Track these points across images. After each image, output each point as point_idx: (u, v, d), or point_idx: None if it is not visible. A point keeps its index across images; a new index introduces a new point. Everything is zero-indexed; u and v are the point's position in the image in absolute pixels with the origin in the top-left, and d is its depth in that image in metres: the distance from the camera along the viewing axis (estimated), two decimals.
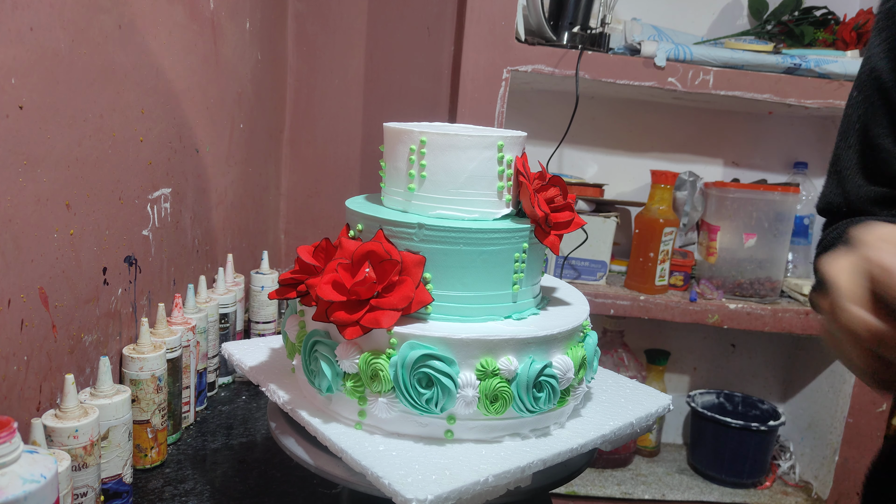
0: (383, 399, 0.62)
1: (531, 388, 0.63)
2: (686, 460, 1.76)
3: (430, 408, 0.61)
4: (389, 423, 0.64)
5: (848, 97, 0.74)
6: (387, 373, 0.61)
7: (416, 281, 0.64)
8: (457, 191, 0.68)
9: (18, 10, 0.62)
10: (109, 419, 0.73)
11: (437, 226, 0.64)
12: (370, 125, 1.66)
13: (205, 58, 1.07)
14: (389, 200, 0.72)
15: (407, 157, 0.68)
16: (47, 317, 0.70)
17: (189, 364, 0.93)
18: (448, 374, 0.61)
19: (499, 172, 0.68)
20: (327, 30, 1.60)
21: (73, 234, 0.74)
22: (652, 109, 1.72)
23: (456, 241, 0.64)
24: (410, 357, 0.61)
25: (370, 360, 0.62)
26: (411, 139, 0.68)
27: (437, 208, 0.68)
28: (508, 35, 1.34)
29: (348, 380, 0.64)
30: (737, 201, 1.55)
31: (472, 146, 0.67)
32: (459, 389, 0.61)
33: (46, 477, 0.55)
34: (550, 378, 0.64)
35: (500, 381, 0.62)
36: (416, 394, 0.61)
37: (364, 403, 0.64)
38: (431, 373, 0.60)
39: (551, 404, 0.65)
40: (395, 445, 0.63)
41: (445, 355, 0.61)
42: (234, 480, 0.84)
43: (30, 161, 0.65)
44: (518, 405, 0.63)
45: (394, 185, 0.71)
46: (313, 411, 0.68)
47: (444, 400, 0.61)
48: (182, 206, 1.02)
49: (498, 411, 0.62)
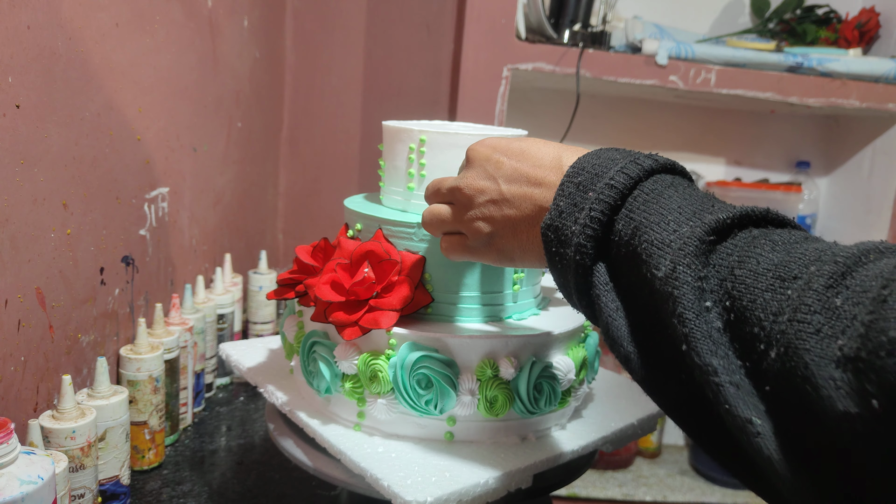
0: (382, 400, 0.62)
1: (531, 390, 0.62)
2: (688, 461, 1.76)
3: (429, 409, 0.61)
4: (389, 424, 0.63)
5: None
6: (386, 374, 0.61)
7: (416, 281, 0.63)
8: None
9: (16, 8, 0.62)
10: (107, 420, 0.72)
11: None
12: (369, 124, 1.66)
13: (202, 56, 1.06)
14: (389, 200, 0.72)
15: (406, 156, 0.68)
16: (44, 317, 0.69)
17: (187, 365, 0.93)
18: (447, 376, 0.60)
19: None
20: (326, 28, 1.60)
21: (70, 233, 0.73)
22: (653, 108, 1.71)
23: None
24: (409, 358, 0.60)
25: (369, 361, 0.61)
26: (410, 138, 0.67)
27: None
28: (509, 33, 1.33)
29: (347, 381, 0.63)
30: (739, 200, 1.54)
31: None
32: (459, 391, 0.61)
33: (44, 478, 0.54)
34: (551, 379, 0.63)
35: (499, 382, 0.61)
36: (416, 395, 0.60)
37: (363, 405, 0.63)
38: (430, 374, 0.60)
39: (552, 406, 0.64)
40: (394, 447, 0.62)
41: (445, 357, 0.60)
42: (232, 482, 0.83)
43: (27, 160, 0.65)
44: (518, 406, 0.62)
45: (393, 185, 0.70)
46: (312, 412, 0.67)
47: (444, 401, 0.60)
48: (179, 206, 1.02)
49: (498, 413, 0.61)
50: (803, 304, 0.32)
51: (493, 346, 0.61)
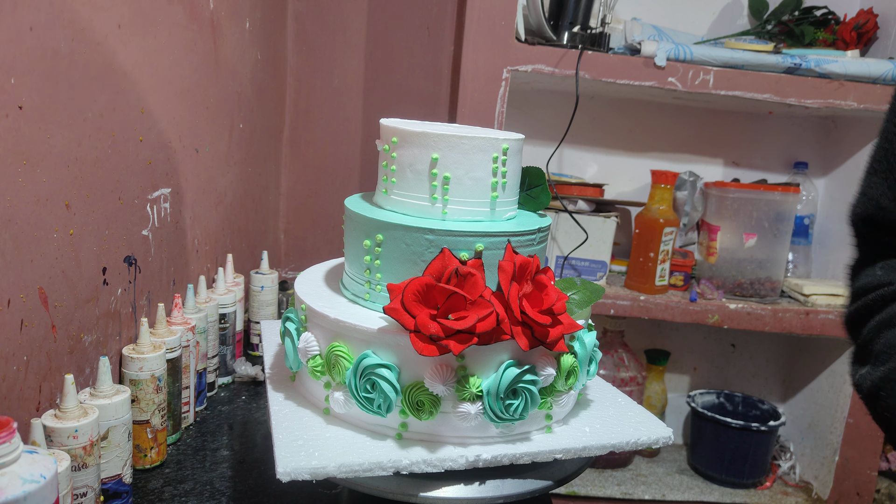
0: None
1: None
2: (686, 460, 1.76)
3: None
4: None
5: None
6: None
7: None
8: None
9: (18, 9, 0.62)
10: (109, 419, 0.73)
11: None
12: (370, 125, 1.66)
13: (204, 57, 1.07)
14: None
15: (490, 167, 0.70)
16: (47, 317, 0.70)
17: (189, 364, 0.93)
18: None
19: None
20: (327, 29, 1.60)
21: (72, 233, 0.73)
22: (652, 109, 1.72)
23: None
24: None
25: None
26: (494, 147, 0.69)
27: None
28: (508, 35, 1.33)
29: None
30: (737, 201, 1.55)
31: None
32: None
33: (46, 477, 0.55)
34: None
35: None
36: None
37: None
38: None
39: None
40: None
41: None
42: (233, 481, 0.83)
43: (29, 161, 0.65)
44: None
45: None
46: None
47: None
48: (182, 206, 1.02)
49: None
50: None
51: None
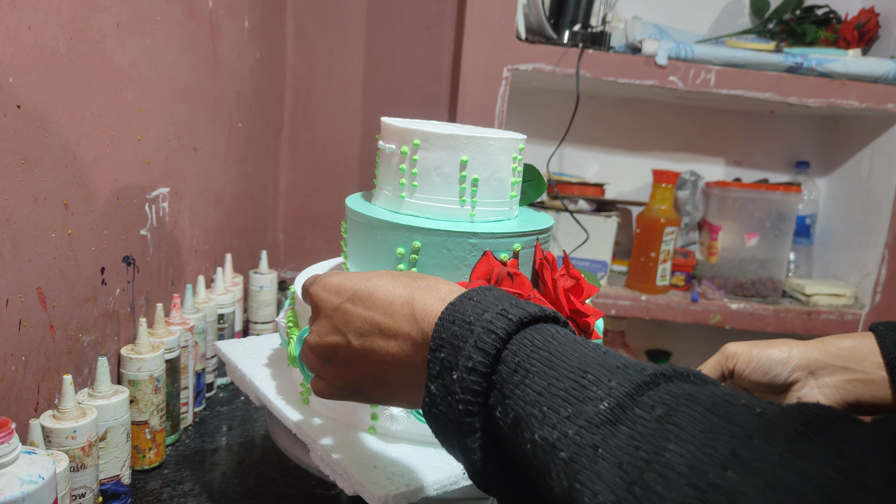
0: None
1: None
2: None
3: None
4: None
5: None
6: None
7: None
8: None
9: (16, 8, 0.62)
10: (107, 420, 0.73)
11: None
12: (369, 124, 1.66)
13: (203, 56, 1.06)
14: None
15: (509, 167, 0.70)
16: (45, 317, 0.70)
17: (187, 364, 0.93)
18: None
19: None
20: (326, 28, 1.60)
21: (70, 233, 0.73)
22: (653, 108, 1.71)
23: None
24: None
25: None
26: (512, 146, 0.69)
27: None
28: (509, 33, 1.33)
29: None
30: (738, 201, 1.55)
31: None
32: None
33: (45, 478, 0.54)
34: None
35: None
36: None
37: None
38: None
39: None
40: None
41: None
42: (232, 481, 0.83)
43: (28, 160, 0.65)
44: None
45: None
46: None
47: None
48: (180, 206, 1.02)
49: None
50: None
51: None
